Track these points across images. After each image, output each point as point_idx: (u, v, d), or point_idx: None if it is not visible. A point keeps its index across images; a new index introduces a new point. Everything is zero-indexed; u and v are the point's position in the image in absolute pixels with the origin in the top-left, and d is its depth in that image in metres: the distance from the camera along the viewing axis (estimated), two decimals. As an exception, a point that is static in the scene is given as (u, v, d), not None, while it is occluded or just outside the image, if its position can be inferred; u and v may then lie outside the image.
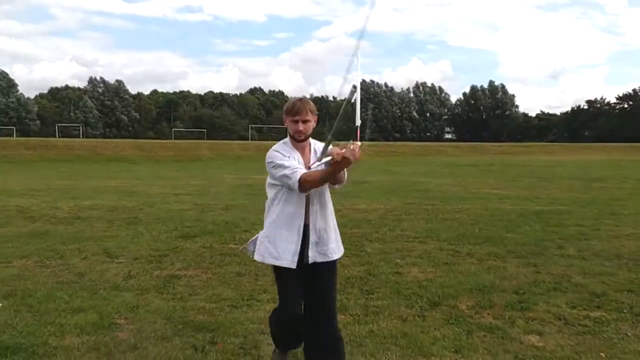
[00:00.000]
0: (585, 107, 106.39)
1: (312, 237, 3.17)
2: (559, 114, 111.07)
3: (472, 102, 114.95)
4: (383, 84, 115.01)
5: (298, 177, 3.00)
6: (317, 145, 3.24)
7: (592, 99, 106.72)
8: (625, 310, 4.74)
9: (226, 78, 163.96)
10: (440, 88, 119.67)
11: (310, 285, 3.22)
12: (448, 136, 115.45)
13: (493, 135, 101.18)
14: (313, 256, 3.18)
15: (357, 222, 9.69)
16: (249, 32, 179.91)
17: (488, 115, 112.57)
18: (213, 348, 3.89)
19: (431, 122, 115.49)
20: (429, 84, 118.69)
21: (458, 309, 4.78)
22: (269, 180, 3.24)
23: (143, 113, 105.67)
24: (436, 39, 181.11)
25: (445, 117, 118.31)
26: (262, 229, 3.31)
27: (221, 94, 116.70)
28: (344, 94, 2.80)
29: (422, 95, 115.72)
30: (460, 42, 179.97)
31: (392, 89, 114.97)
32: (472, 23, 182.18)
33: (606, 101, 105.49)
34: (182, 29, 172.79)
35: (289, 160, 3.11)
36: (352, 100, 2.81)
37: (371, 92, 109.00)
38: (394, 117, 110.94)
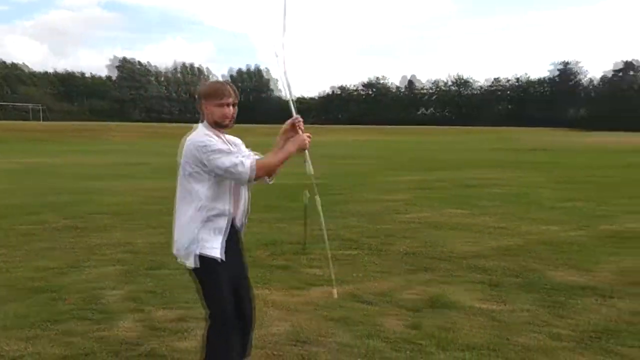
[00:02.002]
0: (338, 92, 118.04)
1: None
2: (317, 97, 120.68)
3: (239, 84, 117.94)
4: (146, 62, 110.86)
5: (250, 164, 2.72)
6: (228, 137, 2.95)
7: (341, 85, 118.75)
8: (371, 249, 6.61)
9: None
10: (207, 69, 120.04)
11: None
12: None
13: (264, 117, 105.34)
14: None
15: (149, 200, 10.45)
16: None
17: (255, 98, 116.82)
18: (62, 303, 4.56)
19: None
20: (196, 65, 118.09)
21: (259, 257, 6.11)
22: (188, 170, 2.80)
23: None
24: (199, 18, 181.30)
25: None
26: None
27: None
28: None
29: (189, 76, 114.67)
30: (224, 24, 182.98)
31: (155, 67, 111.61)
32: (233, 7, 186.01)
33: (351, 88, 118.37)
34: None
35: (226, 145, 2.82)
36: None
37: (132, 70, 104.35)
38: (159, 97, 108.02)
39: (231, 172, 2.72)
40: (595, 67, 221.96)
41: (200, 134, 2.82)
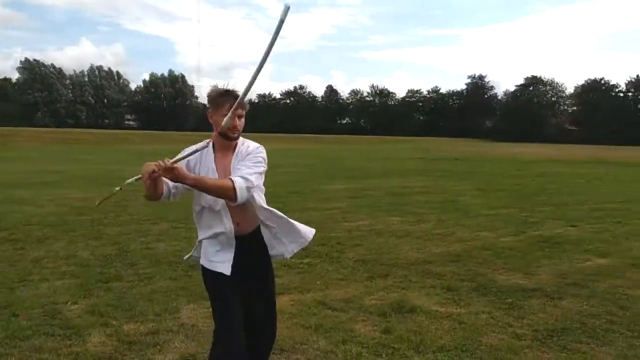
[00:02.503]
0: (256, 100, 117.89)
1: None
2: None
3: (153, 90, 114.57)
4: (50, 64, 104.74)
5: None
6: (247, 143, 2.92)
7: (262, 93, 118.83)
8: (325, 257, 6.72)
9: None
10: (118, 73, 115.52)
11: None
12: (131, 123, 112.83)
13: (179, 124, 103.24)
14: None
15: (81, 210, 10.00)
16: None
17: (169, 104, 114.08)
18: (17, 319, 4.31)
19: (109, 108, 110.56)
20: (105, 68, 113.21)
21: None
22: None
23: None
24: (108, 19, 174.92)
25: (125, 103, 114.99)
26: None
27: None
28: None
29: (99, 79, 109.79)
30: (135, 26, 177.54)
31: (60, 70, 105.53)
32: (146, 8, 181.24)
33: (273, 96, 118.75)
34: None
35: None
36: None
37: (37, 72, 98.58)
38: (67, 101, 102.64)
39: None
40: (507, 81, 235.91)
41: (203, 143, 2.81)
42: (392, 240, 7.83)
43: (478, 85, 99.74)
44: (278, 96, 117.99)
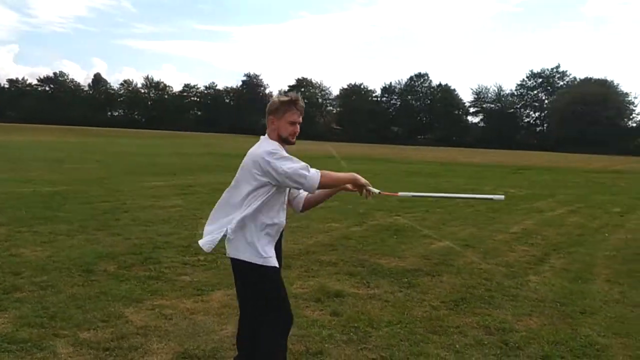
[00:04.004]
0: (7, 86, 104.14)
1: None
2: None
3: None
4: None
5: (316, 170, 2.89)
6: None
7: (14, 78, 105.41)
8: (214, 253, 6.79)
9: None
10: None
11: None
12: None
13: None
14: None
15: None
16: None
17: None
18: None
19: None
20: None
21: (110, 271, 5.77)
22: (255, 178, 2.95)
23: None
24: None
25: None
26: None
27: None
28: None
29: None
30: None
31: None
32: None
33: (28, 82, 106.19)
34: None
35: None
36: None
37: None
38: None
39: (298, 175, 2.86)
40: (280, 81, 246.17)
41: (270, 144, 2.99)
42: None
43: (253, 84, 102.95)
44: (34, 82, 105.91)
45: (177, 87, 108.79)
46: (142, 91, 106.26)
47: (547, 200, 15.03)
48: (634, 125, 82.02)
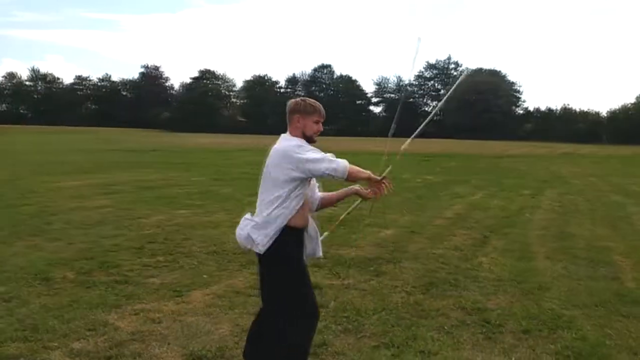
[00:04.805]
0: None
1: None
2: None
3: None
4: None
5: (343, 160, 3.01)
6: None
7: None
8: (172, 254, 6.64)
9: None
10: None
11: None
12: None
13: None
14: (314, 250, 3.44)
15: None
16: None
17: None
18: None
19: None
20: None
21: (69, 278, 5.48)
22: (286, 172, 3.04)
23: None
24: None
25: None
26: None
27: None
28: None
29: None
30: None
31: None
32: None
33: None
34: None
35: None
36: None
37: None
38: None
39: (329, 161, 2.99)
40: (182, 73, 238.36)
41: (294, 140, 3.13)
42: (209, 232, 8.08)
43: (152, 76, 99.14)
44: None
45: (68, 80, 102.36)
46: (28, 84, 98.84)
47: (464, 185, 15.96)
48: (521, 112, 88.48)
